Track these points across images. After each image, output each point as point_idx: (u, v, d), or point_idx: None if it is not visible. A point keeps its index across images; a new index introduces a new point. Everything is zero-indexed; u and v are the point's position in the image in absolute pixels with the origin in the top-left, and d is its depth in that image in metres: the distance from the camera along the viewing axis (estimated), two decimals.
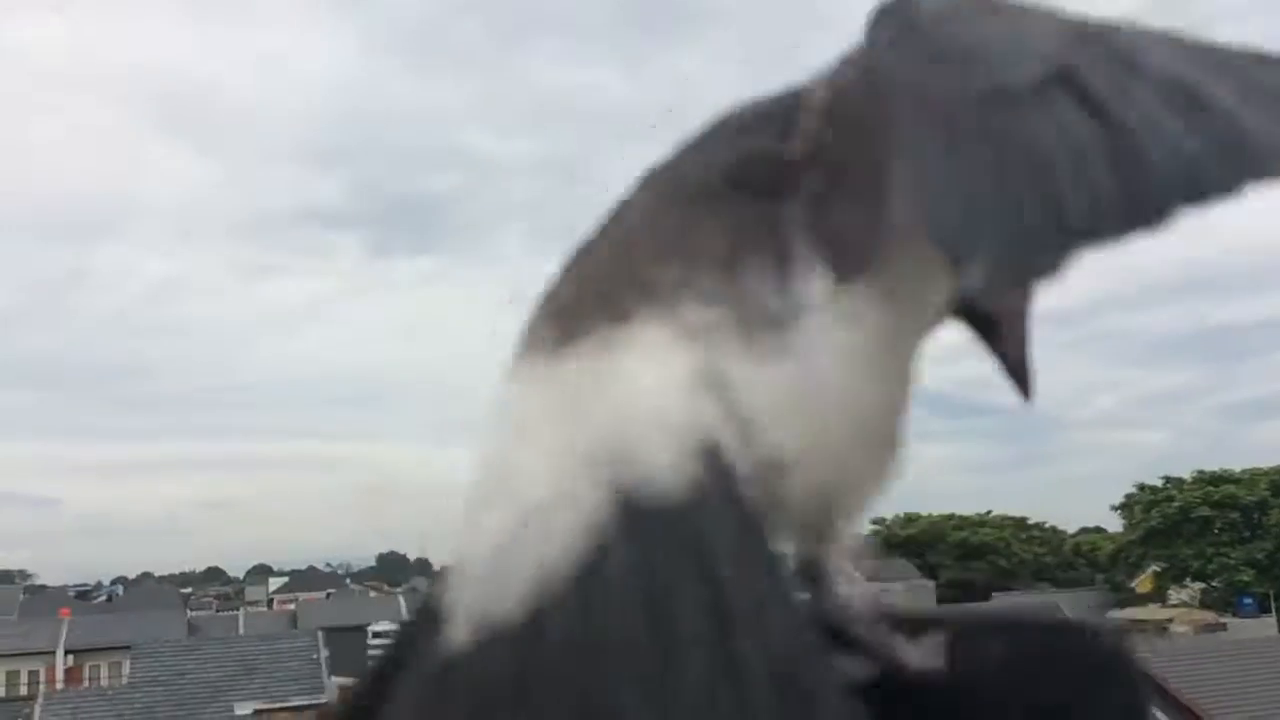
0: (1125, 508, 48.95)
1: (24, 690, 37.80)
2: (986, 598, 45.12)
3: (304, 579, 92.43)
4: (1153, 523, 45.46)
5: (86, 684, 37.71)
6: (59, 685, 37.13)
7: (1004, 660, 0.59)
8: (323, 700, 27.60)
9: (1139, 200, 0.49)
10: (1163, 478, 48.39)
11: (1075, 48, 0.54)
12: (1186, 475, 47.51)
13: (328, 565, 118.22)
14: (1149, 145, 0.50)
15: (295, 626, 42.39)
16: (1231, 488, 45.05)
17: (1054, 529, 59.61)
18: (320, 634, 35.94)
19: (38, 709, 26.31)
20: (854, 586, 0.60)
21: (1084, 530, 64.29)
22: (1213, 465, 47.99)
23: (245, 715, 26.24)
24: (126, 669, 35.28)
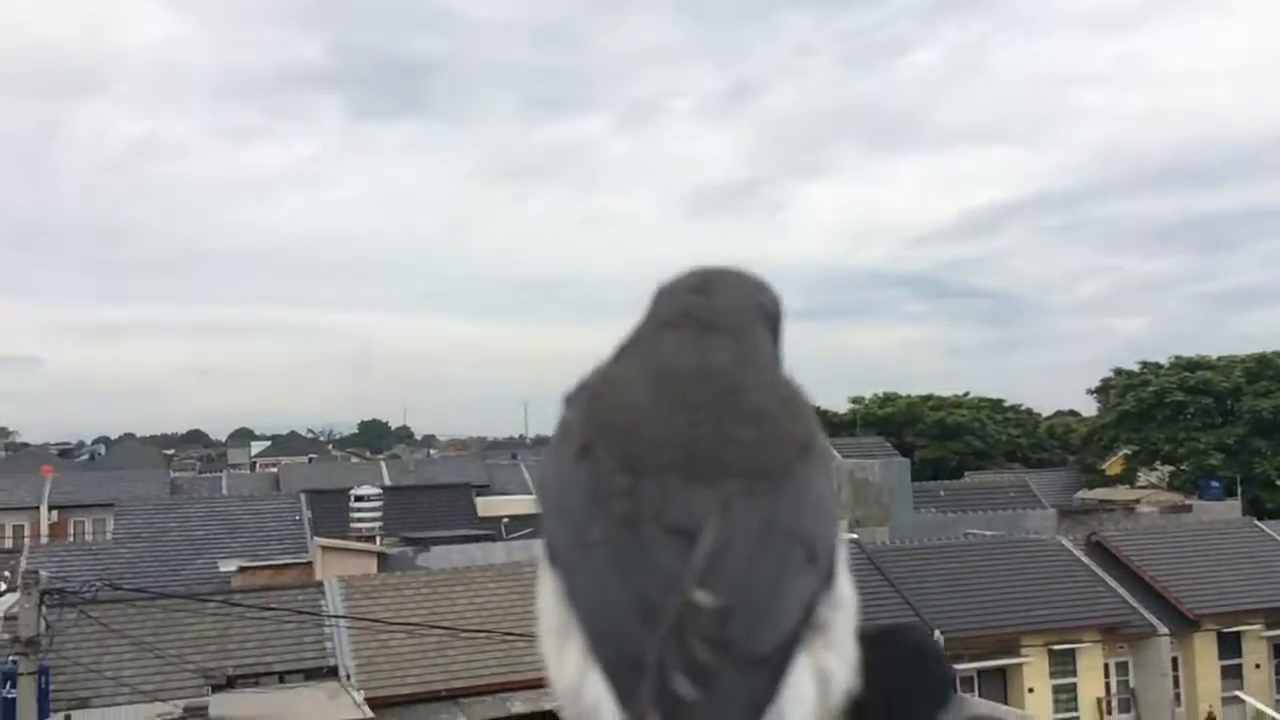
0: (1101, 391, 49.54)
1: (9, 543, 38.21)
2: (960, 476, 45.97)
3: (285, 444, 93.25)
4: (1127, 406, 46.04)
5: (71, 539, 38.16)
6: (43, 539, 37.55)
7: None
8: (306, 559, 27.99)
9: None
10: (1140, 363, 48.92)
11: None
12: (1164, 361, 48.02)
13: (309, 431, 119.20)
14: None
15: (277, 489, 42.82)
16: (1207, 374, 45.53)
17: (1029, 411, 60.41)
18: (303, 496, 36.35)
19: (23, 560, 26.60)
20: None
21: (1059, 413, 65.21)
22: (1191, 352, 48.51)
23: (229, 572, 26.58)
24: (110, 526, 35.66)
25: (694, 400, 0.68)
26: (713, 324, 0.74)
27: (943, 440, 51.69)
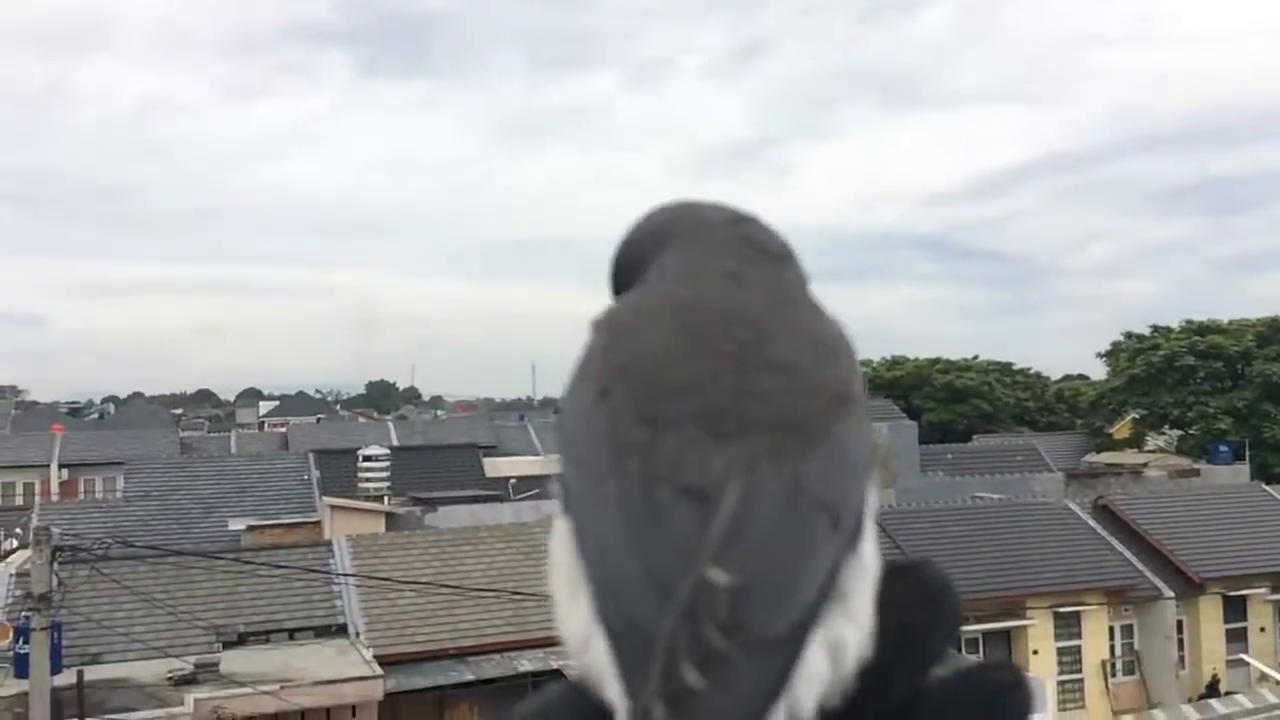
0: (1111, 355, 49.37)
1: (19, 501, 38.50)
2: (968, 439, 45.97)
3: (294, 404, 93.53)
4: (1136, 370, 45.90)
5: (81, 497, 38.43)
6: (54, 497, 37.82)
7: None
8: (315, 518, 28.18)
9: None
10: (1150, 326, 48.69)
11: None
12: (1175, 325, 47.80)
13: (317, 391, 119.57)
14: None
15: (286, 448, 42.98)
16: (1218, 338, 45.32)
17: (1038, 375, 60.25)
18: (311, 456, 36.52)
19: (34, 518, 26.81)
20: None
21: (1067, 377, 65.07)
22: (1202, 315, 48.26)
23: (239, 530, 26.78)
24: (120, 484, 35.89)
25: (718, 345, 0.63)
26: (765, 252, 0.70)
27: (951, 403, 51.63)
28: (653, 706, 0.54)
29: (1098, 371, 53.52)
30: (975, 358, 57.51)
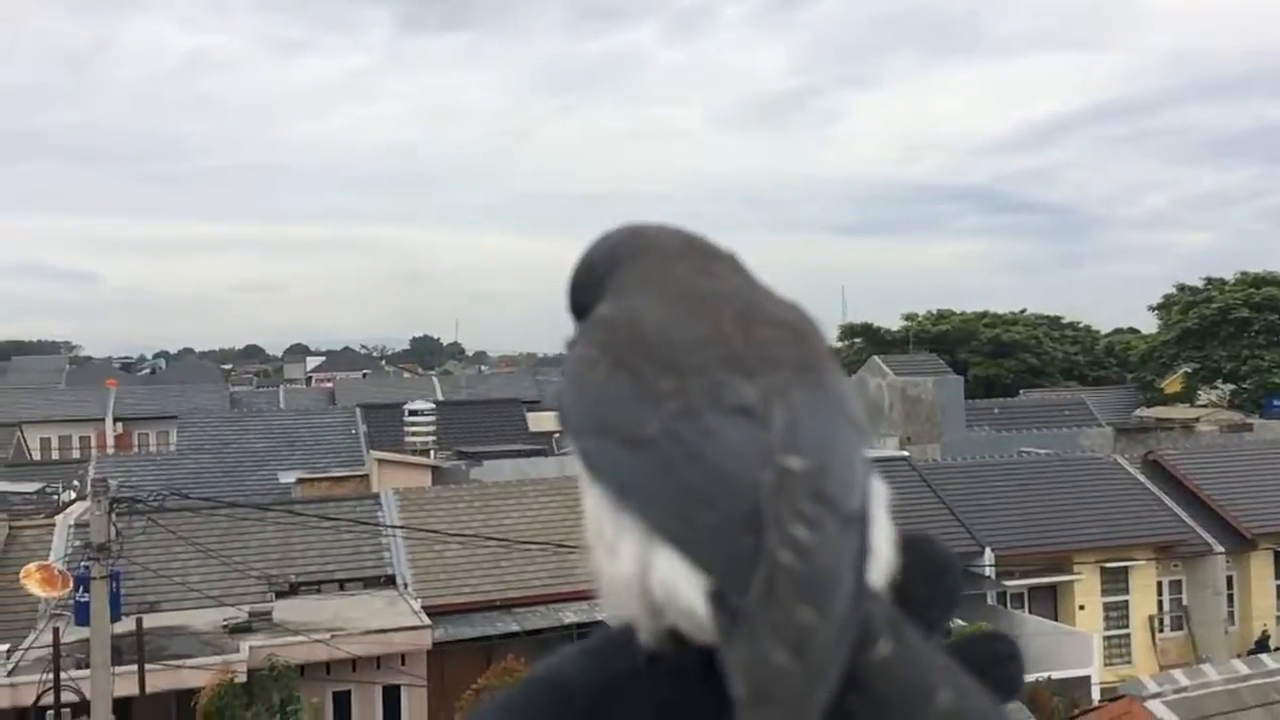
0: (1163, 308, 48.46)
1: (76, 454, 39.39)
2: (1015, 394, 45.47)
3: (340, 359, 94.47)
4: (1189, 323, 45.05)
5: (135, 450, 39.23)
6: (109, 450, 38.65)
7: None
8: (362, 471, 28.57)
9: None
10: (1204, 278, 47.68)
11: None
12: (1230, 277, 46.77)
13: (363, 347, 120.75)
14: None
15: (334, 403, 43.51)
16: (1274, 289, 44.32)
17: (1088, 328, 59.31)
18: (358, 410, 36.97)
19: (91, 470, 27.44)
20: None
21: (1118, 330, 64.00)
22: (1258, 267, 47.15)
23: (289, 483, 27.21)
24: (173, 438, 36.60)
25: (717, 312, 0.70)
26: (714, 253, 0.77)
27: (998, 358, 51.03)
28: (778, 551, 0.58)
29: (1149, 325, 52.66)
30: (1023, 311, 56.73)
